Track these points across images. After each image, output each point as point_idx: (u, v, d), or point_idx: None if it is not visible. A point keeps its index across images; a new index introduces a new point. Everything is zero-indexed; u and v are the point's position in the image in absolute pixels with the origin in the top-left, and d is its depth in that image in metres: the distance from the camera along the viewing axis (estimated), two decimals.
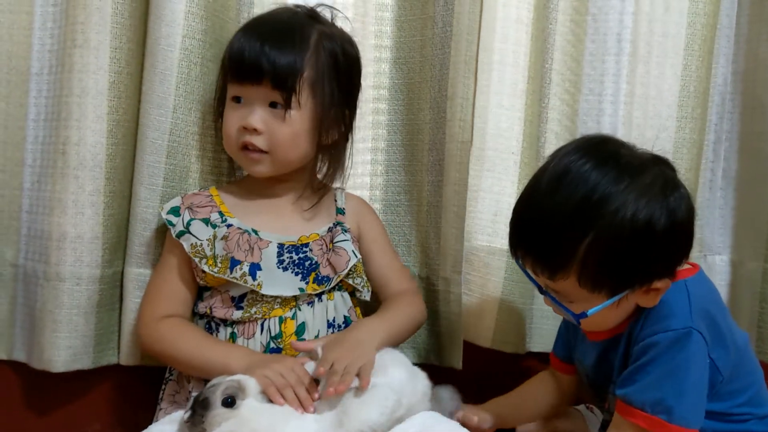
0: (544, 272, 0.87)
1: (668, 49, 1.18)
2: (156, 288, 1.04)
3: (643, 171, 0.84)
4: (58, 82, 1.07)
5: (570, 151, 0.86)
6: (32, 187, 1.10)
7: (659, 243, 0.83)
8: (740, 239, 1.26)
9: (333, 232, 1.06)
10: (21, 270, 1.11)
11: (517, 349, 1.19)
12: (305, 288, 1.00)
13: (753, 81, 1.23)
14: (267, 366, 0.90)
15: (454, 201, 1.13)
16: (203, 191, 1.07)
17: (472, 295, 1.18)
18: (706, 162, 1.26)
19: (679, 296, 0.88)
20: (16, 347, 1.12)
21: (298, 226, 1.06)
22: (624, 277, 0.84)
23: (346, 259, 1.03)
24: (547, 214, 0.85)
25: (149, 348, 1.03)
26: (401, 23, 1.19)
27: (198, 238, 1.00)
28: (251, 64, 0.98)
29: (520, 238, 0.89)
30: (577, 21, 1.21)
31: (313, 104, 1.01)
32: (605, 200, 0.82)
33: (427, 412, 0.95)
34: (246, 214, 1.04)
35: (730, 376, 0.89)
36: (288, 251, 1.01)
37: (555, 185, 0.85)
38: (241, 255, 0.98)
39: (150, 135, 1.05)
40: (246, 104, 1.01)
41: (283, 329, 0.99)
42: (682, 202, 0.84)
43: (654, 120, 1.19)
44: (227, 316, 0.99)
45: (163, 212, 1.03)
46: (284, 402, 0.87)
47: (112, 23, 1.04)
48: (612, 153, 0.85)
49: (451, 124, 1.13)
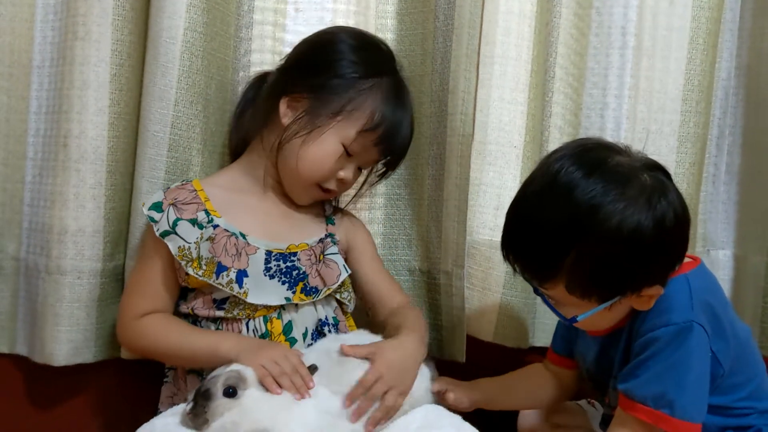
0: (533, 280, 0.89)
1: (673, 43, 1.18)
2: (137, 286, 1.02)
3: (631, 179, 0.83)
4: (60, 74, 1.06)
5: (561, 157, 0.86)
6: (34, 180, 1.10)
7: (647, 252, 0.82)
8: (743, 234, 1.25)
9: (324, 243, 1.04)
10: (23, 263, 1.11)
11: (519, 343, 1.19)
12: (292, 298, 0.98)
13: (757, 75, 1.22)
14: (261, 354, 0.89)
15: (455, 195, 1.13)
16: (186, 184, 1.03)
17: (473, 289, 1.18)
18: (710, 156, 1.25)
19: (680, 289, 0.87)
20: (17, 341, 1.12)
21: (287, 233, 1.03)
22: (613, 286, 0.84)
23: (337, 273, 1.01)
24: (535, 223, 0.86)
25: (131, 345, 1.02)
26: (402, 16, 1.19)
27: (186, 240, 0.97)
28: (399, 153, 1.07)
29: (510, 244, 0.90)
30: (581, 15, 1.21)
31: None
32: (591, 211, 0.81)
33: (430, 405, 0.95)
34: (233, 213, 1.01)
35: (731, 369, 0.89)
36: (276, 259, 0.99)
37: (543, 193, 0.85)
38: (228, 260, 0.96)
39: (151, 128, 1.05)
40: (354, 161, 1.03)
41: (270, 329, 0.98)
42: (671, 210, 0.83)
43: (658, 114, 1.19)
44: (210, 315, 0.98)
45: (145, 208, 1.00)
46: (281, 391, 0.87)
47: (113, 15, 1.04)
48: (602, 160, 0.84)
49: (453, 117, 1.12)
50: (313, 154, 1.00)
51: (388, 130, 1.01)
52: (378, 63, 1.04)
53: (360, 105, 1.00)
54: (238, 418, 0.83)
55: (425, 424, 0.90)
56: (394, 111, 1.02)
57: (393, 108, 1.02)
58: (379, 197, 1.21)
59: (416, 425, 0.90)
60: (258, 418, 0.84)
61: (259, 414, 0.84)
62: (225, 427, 0.82)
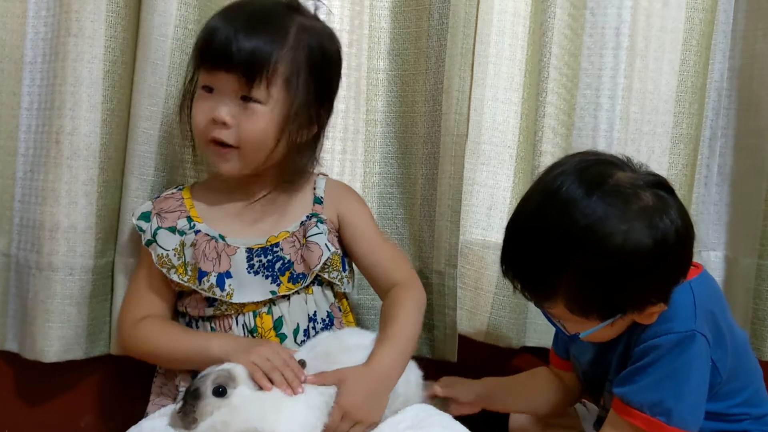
0: (532, 299, 0.88)
1: (666, 44, 1.18)
2: (134, 293, 1.03)
3: (632, 199, 0.81)
4: (52, 70, 1.06)
5: (561, 173, 0.84)
6: (25, 177, 1.10)
7: (647, 272, 0.81)
8: (735, 235, 1.26)
9: (306, 225, 1.01)
10: (13, 260, 1.11)
11: (511, 343, 1.19)
12: (277, 290, 0.97)
13: (749, 77, 1.22)
14: (251, 351, 0.89)
15: (448, 194, 1.13)
16: (176, 192, 1.04)
17: (466, 289, 1.18)
18: (702, 158, 1.25)
19: (684, 298, 0.86)
20: (8, 337, 1.12)
21: (267, 226, 1.01)
22: (613, 305, 0.83)
23: (318, 254, 0.98)
24: (534, 243, 0.84)
25: (134, 351, 1.02)
26: (396, 14, 1.18)
27: (164, 248, 0.97)
28: (223, 49, 0.92)
29: (508, 260, 0.88)
30: (575, 15, 1.21)
31: (286, 100, 0.95)
32: (590, 231, 0.80)
33: (420, 405, 0.95)
34: (214, 217, 1.01)
35: (728, 377, 0.89)
36: (257, 254, 0.98)
37: (541, 210, 0.84)
38: (208, 265, 0.96)
39: (141, 125, 1.05)
40: (217, 95, 0.95)
41: (259, 324, 0.98)
42: (673, 228, 0.81)
43: (651, 115, 1.19)
44: (200, 314, 0.99)
45: (134, 218, 1.01)
46: (272, 387, 0.86)
47: (107, 12, 1.03)
48: (603, 177, 0.82)
49: (447, 117, 1.12)
50: (192, 115, 0.98)
51: (204, 37, 0.95)
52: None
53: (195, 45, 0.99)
54: (228, 418, 0.83)
55: (415, 423, 0.90)
56: (212, 21, 0.96)
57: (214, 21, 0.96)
58: (371, 196, 1.21)
59: (406, 424, 0.89)
60: (248, 417, 0.84)
61: (248, 413, 0.84)
62: (214, 426, 0.82)
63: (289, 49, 0.95)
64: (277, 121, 0.95)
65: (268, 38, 0.94)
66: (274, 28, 0.95)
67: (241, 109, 0.95)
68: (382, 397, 0.91)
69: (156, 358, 1.01)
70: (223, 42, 0.92)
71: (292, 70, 0.95)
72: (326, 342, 0.96)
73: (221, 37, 0.93)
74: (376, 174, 1.21)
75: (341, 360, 0.92)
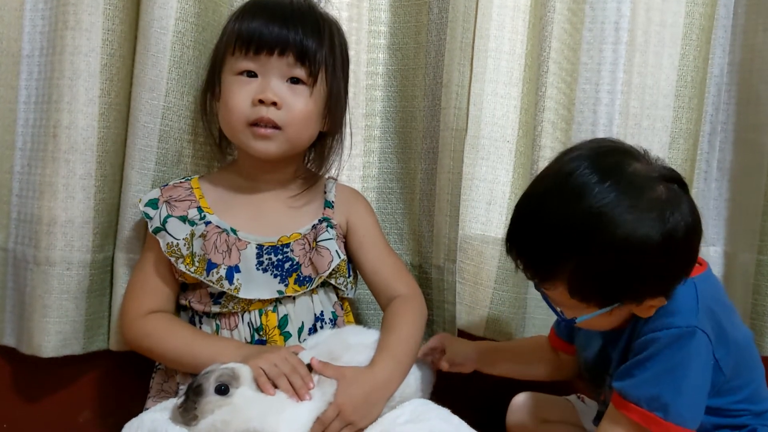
0: (534, 278, 0.87)
1: (666, 39, 1.17)
2: (139, 283, 1.02)
3: (645, 190, 0.80)
4: (50, 64, 1.05)
5: (576, 157, 0.84)
6: (22, 171, 1.09)
7: (652, 265, 0.80)
8: (734, 231, 1.26)
9: (317, 229, 1.02)
10: (10, 254, 1.10)
11: (510, 338, 1.19)
12: (284, 291, 0.98)
13: (749, 72, 1.22)
14: (261, 357, 0.89)
15: (447, 189, 1.13)
16: (185, 182, 1.04)
17: (465, 284, 1.18)
18: (701, 153, 1.25)
19: (688, 293, 0.86)
20: (5, 332, 1.11)
21: (280, 225, 1.02)
22: (614, 294, 0.83)
23: (328, 259, 0.99)
24: (541, 222, 0.84)
25: (136, 344, 1.01)
26: (396, 8, 1.18)
27: (174, 237, 0.97)
28: (277, 34, 0.96)
29: (514, 239, 0.88)
30: (575, 9, 1.20)
31: (327, 88, 1.00)
32: (600, 218, 0.79)
33: (418, 399, 0.95)
34: (226, 209, 1.01)
35: (731, 375, 0.88)
36: (267, 252, 0.98)
37: (553, 192, 0.84)
38: (218, 257, 0.96)
39: (142, 119, 1.04)
40: (262, 78, 0.97)
41: (265, 322, 0.98)
42: (682, 223, 0.80)
43: (651, 110, 1.18)
44: (206, 310, 0.98)
45: (141, 204, 1.01)
46: (274, 392, 0.86)
47: (104, 4, 1.03)
48: (618, 166, 0.82)
49: (446, 111, 1.12)
50: (224, 99, 0.99)
51: (249, 23, 0.98)
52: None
53: (225, 35, 1.01)
54: (229, 417, 0.82)
55: (413, 417, 0.90)
56: (251, 8, 1.00)
57: (251, 12, 0.99)
58: (370, 191, 1.21)
59: (404, 419, 0.89)
60: (248, 417, 0.83)
61: (249, 413, 0.83)
62: (215, 424, 0.82)
63: (328, 39, 1.00)
64: (320, 105, 1.00)
65: (314, 26, 0.99)
66: (319, 22, 1.00)
67: (290, 91, 0.98)
68: (378, 404, 0.92)
69: (159, 356, 1.01)
70: (277, 29, 0.96)
71: (333, 61, 1.01)
72: (329, 340, 0.96)
73: (275, 25, 0.96)
74: (375, 168, 1.21)
75: (344, 359, 0.93)
